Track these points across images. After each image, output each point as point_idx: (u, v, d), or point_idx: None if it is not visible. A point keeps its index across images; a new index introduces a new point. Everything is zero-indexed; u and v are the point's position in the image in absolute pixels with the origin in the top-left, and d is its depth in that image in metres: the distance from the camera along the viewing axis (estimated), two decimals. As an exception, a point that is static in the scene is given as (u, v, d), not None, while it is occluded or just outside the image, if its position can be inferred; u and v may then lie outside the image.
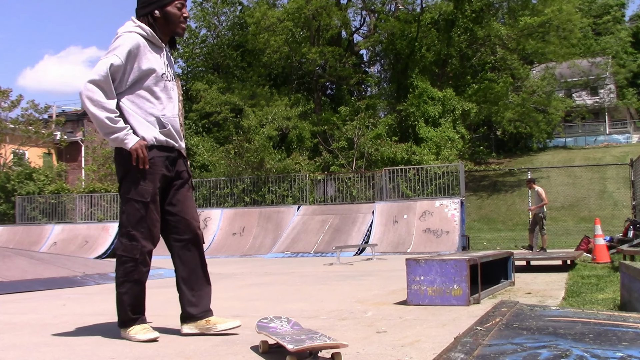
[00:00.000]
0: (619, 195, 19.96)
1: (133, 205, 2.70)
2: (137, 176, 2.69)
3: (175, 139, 2.83)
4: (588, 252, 9.82)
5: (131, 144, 2.64)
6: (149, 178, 2.70)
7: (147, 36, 2.74)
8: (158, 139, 2.74)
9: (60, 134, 28.51)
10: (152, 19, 2.75)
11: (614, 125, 38.91)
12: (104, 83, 2.60)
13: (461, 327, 2.64)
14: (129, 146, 2.64)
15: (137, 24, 2.75)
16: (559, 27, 24.01)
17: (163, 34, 2.80)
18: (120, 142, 2.64)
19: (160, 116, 2.76)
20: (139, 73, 2.69)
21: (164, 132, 2.76)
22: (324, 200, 16.55)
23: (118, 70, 2.64)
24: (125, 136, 2.64)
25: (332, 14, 25.70)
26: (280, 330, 2.45)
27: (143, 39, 2.72)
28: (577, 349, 1.69)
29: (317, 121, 24.79)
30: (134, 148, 2.64)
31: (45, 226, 17.77)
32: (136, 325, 2.73)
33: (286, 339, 2.24)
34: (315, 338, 2.24)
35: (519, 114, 26.22)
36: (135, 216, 2.69)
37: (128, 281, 2.71)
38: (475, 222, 20.87)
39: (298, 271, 8.28)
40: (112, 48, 2.66)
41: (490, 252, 5.63)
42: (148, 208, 2.70)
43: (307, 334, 2.36)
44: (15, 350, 2.60)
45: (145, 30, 2.73)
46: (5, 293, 5.44)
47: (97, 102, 2.58)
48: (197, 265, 2.86)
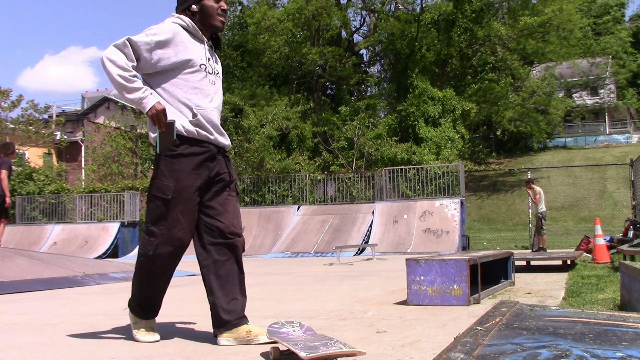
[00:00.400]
0: (619, 195, 19.96)
1: (154, 202, 2.57)
2: (161, 172, 2.56)
3: (210, 131, 2.64)
4: (588, 252, 9.83)
5: (149, 105, 2.49)
6: (173, 174, 2.54)
7: (187, 27, 2.66)
8: (187, 128, 2.57)
9: (60, 134, 28.54)
10: (190, 14, 2.69)
11: (614, 125, 38.92)
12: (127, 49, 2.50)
13: (461, 327, 2.64)
14: (147, 107, 2.48)
15: (176, 16, 2.69)
16: (559, 27, 24.01)
17: (203, 28, 2.71)
18: (138, 103, 2.49)
19: (194, 106, 2.61)
20: (174, 61, 2.59)
21: (194, 122, 2.59)
22: (324, 200, 16.56)
23: (145, 48, 2.53)
24: (143, 96, 2.49)
25: (332, 14, 25.71)
26: (292, 336, 2.33)
27: (182, 29, 2.64)
28: (577, 349, 1.69)
29: (317, 121, 24.79)
30: (152, 111, 2.49)
31: (45, 226, 17.78)
32: (143, 322, 2.70)
33: (299, 345, 2.12)
34: (329, 345, 2.12)
35: (519, 113, 26.23)
36: (155, 213, 2.56)
37: (137, 275, 2.65)
38: (475, 222, 20.87)
39: (298, 271, 8.28)
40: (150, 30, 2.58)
41: (490, 252, 5.63)
42: (169, 206, 2.53)
43: (321, 340, 2.24)
44: (15, 350, 2.60)
45: (185, 20, 2.66)
46: (5, 293, 5.43)
47: (115, 62, 2.47)
48: (231, 272, 2.64)
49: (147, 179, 23.54)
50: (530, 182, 12.70)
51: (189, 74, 2.62)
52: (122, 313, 3.86)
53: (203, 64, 2.66)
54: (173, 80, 2.61)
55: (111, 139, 26.96)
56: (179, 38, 2.60)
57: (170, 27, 2.61)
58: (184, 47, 2.60)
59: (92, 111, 40.59)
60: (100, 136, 27.94)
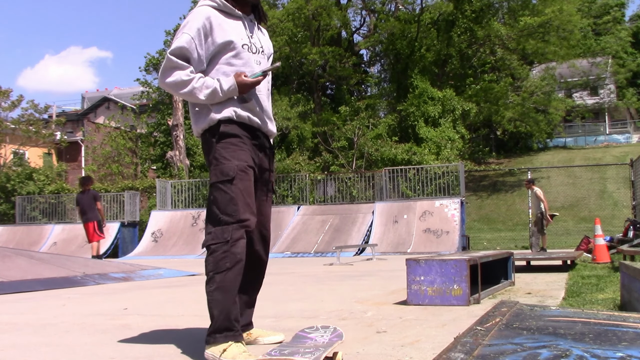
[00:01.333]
0: (619, 195, 19.96)
1: (219, 189, 2.30)
2: (219, 156, 2.33)
3: (262, 117, 2.47)
4: (588, 252, 9.83)
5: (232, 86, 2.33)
6: (232, 154, 2.33)
7: (219, 6, 2.44)
8: (238, 114, 2.39)
9: (60, 134, 28.58)
10: None
11: (614, 125, 38.92)
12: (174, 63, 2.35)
13: (461, 327, 2.64)
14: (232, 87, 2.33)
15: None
16: (559, 28, 24.02)
17: (236, 3, 2.48)
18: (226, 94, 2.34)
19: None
20: (215, 47, 2.40)
21: (246, 107, 2.41)
22: (324, 200, 16.57)
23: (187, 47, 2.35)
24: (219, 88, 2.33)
25: (332, 14, 25.73)
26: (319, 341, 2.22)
27: (214, 11, 2.43)
28: (577, 349, 1.69)
29: (317, 121, 24.81)
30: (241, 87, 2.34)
31: (45, 226, 17.78)
32: (233, 344, 2.18)
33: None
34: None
35: (519, 113, 26.25)
36: (223, 200, 2.29)
37: (219, 272, 2.22)
38: (475, 222, 20.87)
39: (298, 271, 8.28)
40: (182, 26, 2.41)
41: (490, 252, 5.63)
42: (234, 184, 2.29)
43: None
44: (15, 350, 2.60)
45: (215, 1, 2.45)
46: (5, 293, 5.43)
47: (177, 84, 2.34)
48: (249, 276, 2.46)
49: (147, 179, 23.55)
50: (531, 182, 12.69)
51: (233, 57, 2.42)
52: (122, 313, 3.86)
53: (245, 44, 2.45)
54: (217, 66, 2.41)
55: (111, 139, 27.00)
56: (214, 22, 2.39)
57: (201, 12, 2.41)
58: (221, 29, 2.40)
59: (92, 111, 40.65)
60: (100, 136, 27.97)
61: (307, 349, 2.10)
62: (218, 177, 2.31)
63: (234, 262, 2.23)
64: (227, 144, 2.35)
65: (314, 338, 2.26)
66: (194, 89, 2.33)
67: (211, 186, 2.34)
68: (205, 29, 2.37)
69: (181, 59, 2.34)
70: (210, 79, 2.36)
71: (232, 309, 2.23)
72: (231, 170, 2.30)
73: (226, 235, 2.24)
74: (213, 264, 2.24)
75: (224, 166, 2.31)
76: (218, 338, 2.19)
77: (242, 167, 2.32)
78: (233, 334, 2.21)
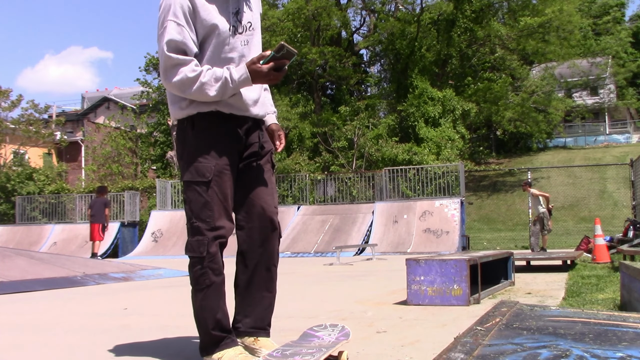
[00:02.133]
0: (619, 195, 19.96)
1: (194, 190, 2.17)
2: (195, 152, 2.18)
3: (246, 105, 2.26)
4: (588, 252, 9.83)
5: (242, 72, 2.12)
6: (210, 152, 2.18)
7: None
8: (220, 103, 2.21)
9: (60, 134, 28.58)
10: None
11: (614, 125, 38.92)
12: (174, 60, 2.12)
13: (461, 327, 2.64)
14: (243, 77, 2.12)
15: None
16: (559, 28, 24.03)
17: None
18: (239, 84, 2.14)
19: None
20: (203, 30, 2.17)
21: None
22: (324, 200, 16.57)
23: (185, 40, 2.13)
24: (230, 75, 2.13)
25: (332, 14, 25.71)
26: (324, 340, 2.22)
27: None
28: (577, 349, 1.69)
29: (317, 121, 24.80)
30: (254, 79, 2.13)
31: (45, 226, 17.78)
32: (228, 350, 2.14)
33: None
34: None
35: (519, 113, 26.25)
36: (197, 202, 2.16)
37: (199, 289, 2.14)
38: (475, 222, 20.88)
39: (298, 271, 8.28)
40: (162, 11, 2.15)
41: (490, 252, 5.63)
42: (211, 188, 2.16)
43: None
44: (15, 350, 2.60)
45: None
46: (5, 293, 5.43)
47: (184, 82, 2.11)
48: (259, 263, 2.29)
49: (147, 179, 23.56)
50: (528, 184, 12.65)
51: (221, 41, 2.19)
52: (122, 313, 3.86)
53: (233, 26, 2.21)
54: (208, 54, 2.19)
55: (111, 139, 26.99)
56: (196, 2, 2.14)
57: None
58: (204, 10, 2.15)
59: (92, 111, 40.63)
60: (100, 136, 27.96)
61: (310, 349, 2.09)
62: (193, 175, 2.18)
63: (212, 279, 2.14)
64: (205, 136, 2.20)
65: (321, 336, 2.26)
66: (203, 84, 2.11)
67: (185, 184, 2.22)
68: (189, 12, 2.13)
69: (179, 53, 2.11)
70: (219, 69, 2.14)
71: (221, 319, 2.16)
72: (208, 171, 2.17)
73: (202, 250, 2.13)
74: (194, 279, 2.17)
75: (201, 165, 2.17)
76: (210, 349, 2.15)
77: (220, 167, 2.19)
78: (225, 342, 2.16)
